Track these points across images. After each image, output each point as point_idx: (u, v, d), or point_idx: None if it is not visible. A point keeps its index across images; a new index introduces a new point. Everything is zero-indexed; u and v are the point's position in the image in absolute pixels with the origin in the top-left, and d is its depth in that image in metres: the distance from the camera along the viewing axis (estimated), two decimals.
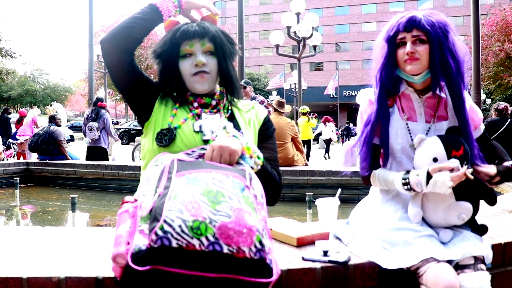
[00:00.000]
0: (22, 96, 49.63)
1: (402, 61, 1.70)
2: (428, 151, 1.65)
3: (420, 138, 1.68)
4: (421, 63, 1.68)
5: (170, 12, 1.60)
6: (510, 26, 30.35)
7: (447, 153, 1.61)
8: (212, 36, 1.58)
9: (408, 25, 1.67)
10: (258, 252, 1.15)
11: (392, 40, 1.71)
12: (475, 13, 7.74)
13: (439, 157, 1.62)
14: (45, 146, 7.91)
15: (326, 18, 51.89)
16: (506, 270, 1.84)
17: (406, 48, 1.68)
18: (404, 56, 1.68)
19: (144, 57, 39.83)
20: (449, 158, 1.61)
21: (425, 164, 1.64)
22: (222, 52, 1.60)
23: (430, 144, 1.65)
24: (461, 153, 1.62)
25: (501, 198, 3.30)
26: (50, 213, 5.61)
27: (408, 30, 1.67)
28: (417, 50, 1.66)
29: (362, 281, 1.63)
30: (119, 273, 1.23)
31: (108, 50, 1.56)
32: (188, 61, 1.58)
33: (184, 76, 1.60)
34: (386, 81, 1.74)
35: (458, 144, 1.63)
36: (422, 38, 1.66)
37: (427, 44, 1.67)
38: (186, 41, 1.57)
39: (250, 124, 1.68)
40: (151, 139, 1.58)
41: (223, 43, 1.60)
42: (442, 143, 1.63)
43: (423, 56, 1.67)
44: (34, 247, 1.88)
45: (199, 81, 1.58)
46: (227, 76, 1.63)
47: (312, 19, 11.68)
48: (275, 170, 1.63)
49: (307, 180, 6.13)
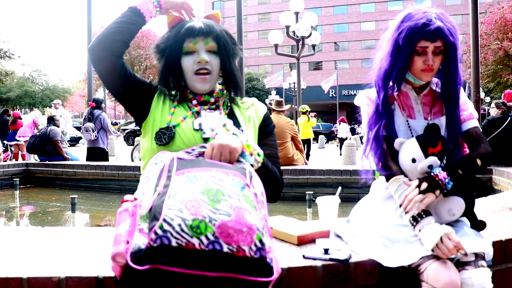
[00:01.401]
0: (21, 98, 49.54)
1: (418, 69, 1.68)
2: (407, 154, 1.67)
3: (400, 141, 1.70)
4: (434, 72, 1.69)
5: (151, 12, 1.61)
6: (508, 24, 30.40)
7: (423, 151, 1.63)
8: (217, 36, 1.58)
9: (434, 35, 1.60)
10: (258, 251, 1.14)
11: (413, 46, 1.64)
12: (474, 11, 7.74)
13: (416, 157, 1.64)
14: (42, 147, 7.92)
15: (325, 17, 51.89)
16: (507, 267, 1.84)
17: (426, 58, 1.64)
18: (422, 65, 1.66)
19: (143, 57, 39.94)
20: (426, 156, 1.62)
21: (407, 166, 1.67)
22: (225, 52, 1.60)
23: (407, 146, 1.68)
24: (438, 149, 1.63)
25: (502, 195, 3.30)
26: (50, 213, 5.61)
27: (432, 40, 1.62)
28: (434, 62, 1.66)
29: (363, 279, 1.63)
30: (119, 272, 1.23)
31: (97, 57, 1.57)
32: (190, 58, 1.58)
33: (185, 73, 1.61)
34: (399, 82, 1.73)
35: (435, 141, 1.64)
36: (441, 49, 1.65)
37: (442, 55, 1.66)
38: (190, 38, 1.57)
39: (250, 121, 1.68)
40: (150, 139, 1.58)
41: (227, 43, 1.60)
42: (418, 143, 1.64)
43: (436, 66, 1.67)
44: (34, 247, 1.87)
45: (201, 82, 1.59)
46: (231, 76, 1.64)
47: (311, 18, 11.67)
48: (276, 167, 1.63)
49: (307, 179, 6.13)
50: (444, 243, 1.46)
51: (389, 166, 1.72)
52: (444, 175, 1.58)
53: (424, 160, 1.62)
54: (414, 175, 1.67)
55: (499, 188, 6.01)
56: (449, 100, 1.74)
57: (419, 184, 1.59)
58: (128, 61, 40.42)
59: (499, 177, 6.12)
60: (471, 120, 1.77)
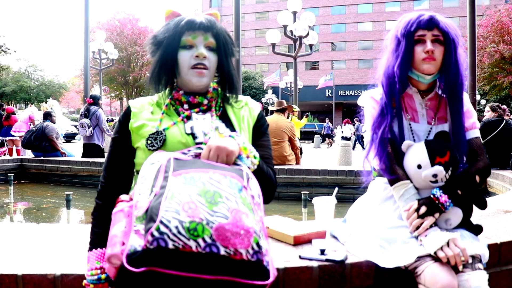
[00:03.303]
0: (16, 93, 49.37)
1: (419, 59, 1.68)
2: (413, 158, 1.66)
3: (408, 144, 1.69)
4: (436, 63, 1.68)
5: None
6: (505, 27, 30.53)
7: (431, 159, 1.62)
8: (217, 33, 1.54)
9: (430, 24, 1.66)
10: (255, 254, 1.13)
11: (411, 36, 1.68)
12: (471, 14, 7.77)
13: (422, 164, 1.63)
14: (38, 142, 7.90)
15: (322, 17, 51.91)
16: (502, 270, 1.85)
17: (425, 46, 1.66)
18: (422, 54, 1.67)
19: (140, 54, 39.78)
20: (433, 165, 1.61)
21: (412, 171, 1.66)
22: (224, 50, 1.56)
23: (415, 150, 1.66)
24: (446, 159, 1.62)
25: (496, 198, 3.31)
26: (45, 210, 5.59)
27: (429, 28, 1.66)
28: (435, 51, 1.66)
29: (359, 280, 1.63)
30: (114, 273, 1.22)
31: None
32: (188, 52, 1.53)
33: (181, 68, 1.54)
34: (404, 78, 1.72)
35: (444, 150, 1.63)
36: (440, 39, 1.66)
37: (443, 47, 1.67)
38: (190, 32, 1.52)
39: (243, 121, 1.63)
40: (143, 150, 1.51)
41: (226, 41, 1.57)
42: (426, 149, 1.63)
43: (438, 57, 1.67)
44: (29, 244, 1.86)
45: (197, 76, 1.53)
46: (227, 75, 1.60)
47: (308, 18, 11.67)
48: (270, 168, 1.60)
49: (302, 179, 6.14)
50: (450, 248, 1.47)
51: (394, 170, 1.70)
52: (445, 198, 1.58)
53: (430, 168, 1.61)
54: (417, 181, 1.66)
55: (494, 191, 6.03)
56: (452, 97, 1.72)
57: (418, 208, 1.59)
58: (124, 57, 40.27)
59: (494, 180, 6.15)
60: (473, 130, 1.77)
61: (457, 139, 1.69)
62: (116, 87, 43.75)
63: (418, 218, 1.58)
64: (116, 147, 1.58)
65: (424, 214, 1.57)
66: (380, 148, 1.71)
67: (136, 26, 42.39)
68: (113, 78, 41.70)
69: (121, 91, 44.40)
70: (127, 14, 43.22)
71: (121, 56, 35.08)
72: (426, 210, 1.57)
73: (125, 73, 41.40)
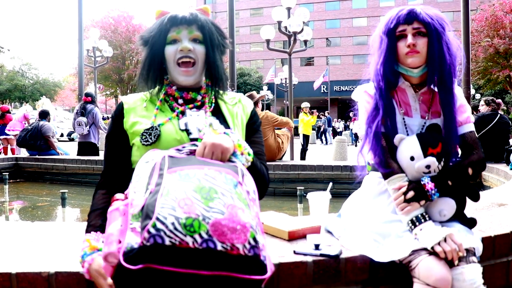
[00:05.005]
0: (11, 91, 49.06)
1: (403, 54, 1.69)
2: (406, 150, 1.67)
3: (400, 137, 1.70)
4: (421, 56, 1.68)
5: None
6: (499, 21, 30.57)
7: (423, 151, 1.63)
8: (201, 25, 1.54)
9: (408, 17, 1.67)
10: (252, 249, 1.13)
11: (392, 32, 1.70)
12: (465, 8, 7.78)
13: (415, 155, 1.64)
14: (33, 141, 7.88)
15: (317, 13, 51.81)
16: (496, 263, 1.86)
17: (407, 41, 1.67)
18: (405, 48, 1.68)
19: (134, 52, 39.61)
20: (425, 156, 1.62)
21: (405, 163, 1.67)
22: (210, 41, 1.56)
23: (407, 143, 1.67)
24: (438, 150, 1.63)
25: (490, 192, 3.33)
26: (40, 208, 5.58)
27: (408, 22, 1.67)
28: (417, 43, 1.66)
29: (353, 275, 1.63)
30: (111, 272, 1.22)
31: None
32: (173, 47, 1.54)
33: (168, 63, 1.56)
34: (389, 75, 1.72)
35: (436, 142, 1.64)
36: (422, 31, 1.66)
37: (426, 38, 1.67)
38: (174, 28, 1.54)
39: (237, 118, 1.64)
40: (138, 146, 1.53)
41: (211, 32, 1.57)
42: (418, 141, 1.65)
43: (423, 50, 1.67)
44: (23, 242, 1.86)
45: (183, 74, 1.54)
46: (213, 66, 1.59)
47: (303, 14, 11.64)
48: (263, 165, 1.60)
49: (298, 174, 6.15)
50: (447, 243, 1.48)
51: (389, 164, 1.70)
52: (432, 186, 1.59)
53: (422, 159, 1.62)
54: (410, 173, 1.67)
55: (489, 185, 6.06)
56: (441, 88, 1.72)
57: (406, 191, 1.60)
58: (119, 55, 40.05)
59: (489, 173, 6.18)
60: (468, 124, 1.76)
61: (449, 131, 1.69)
62: (111, 85, 43.54)
63: (404, 202, 1.60)
64: (111, 144, 1.61)
65: (411, 199, 1.59)
66: (374, 142, 1.72)
67: (130, 23, 42.15)
68: (108, 76, 41.49)
69: (116, 89, 44.20)
70: (121, 11, 42.95)
71: (115, 54, 34.88)
72: (414, 195, 1.59)
73: (119, 71, 41.21)
